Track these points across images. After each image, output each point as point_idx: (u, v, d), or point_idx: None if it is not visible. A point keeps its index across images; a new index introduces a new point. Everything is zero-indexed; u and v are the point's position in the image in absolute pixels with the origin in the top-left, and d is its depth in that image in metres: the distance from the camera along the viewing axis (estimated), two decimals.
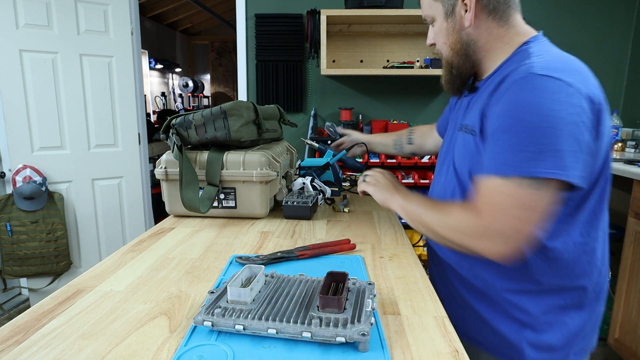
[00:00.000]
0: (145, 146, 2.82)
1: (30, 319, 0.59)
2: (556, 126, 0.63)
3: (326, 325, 0.51)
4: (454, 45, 0.80)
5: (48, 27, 2.32)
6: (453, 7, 0.78)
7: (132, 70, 2.62)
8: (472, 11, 0.76)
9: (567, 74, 0.66)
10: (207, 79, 7.07)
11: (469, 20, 0.76)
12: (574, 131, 0.63)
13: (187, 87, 6.29)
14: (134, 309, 0.62)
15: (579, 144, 0.64)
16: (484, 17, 0.77)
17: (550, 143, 0.63)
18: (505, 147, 0.67)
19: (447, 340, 0.54)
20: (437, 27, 0.82)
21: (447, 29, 0.80)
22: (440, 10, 0.80)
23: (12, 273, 2.34)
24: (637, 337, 1.74)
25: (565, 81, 0.65)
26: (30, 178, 2.29)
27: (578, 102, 0.64)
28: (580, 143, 0.64)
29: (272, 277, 0.65)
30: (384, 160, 2.47)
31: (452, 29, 0.79)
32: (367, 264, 0.79)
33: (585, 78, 0.69)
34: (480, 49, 0.80)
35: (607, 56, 2.71)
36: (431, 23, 0.85)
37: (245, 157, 1.04)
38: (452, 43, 0.81)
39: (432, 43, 0.87)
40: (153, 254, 0.84)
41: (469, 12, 0.76)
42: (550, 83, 0.65)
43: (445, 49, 0.83)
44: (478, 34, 0.78)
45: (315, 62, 2.75)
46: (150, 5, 5.13)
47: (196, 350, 0.51)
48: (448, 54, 0.83)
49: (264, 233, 0.98)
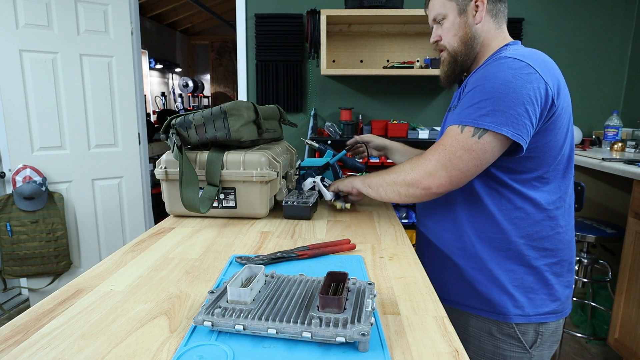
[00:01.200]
0: (145, 146, 2.82)
1: (30, 319, 0.59)
2: (510, 94, 0.79)
3: (326, 325, 0.51)
4: (464, 37, 0.94)
5: (48, 27, 2.32)
6: (466, 5, 0.93)
7: (132, 70, 2.62)
8: (483, 11, 0.92)
9: (532, 60, 0.81)
10: (207, 79, 7.07)
11: (480, 17, 0.92)
12: (524, 102, 0.78)
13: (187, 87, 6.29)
14: (134, 309, 0.62)
15: (526, 113, 0.79)
16: (488, 18, 0.94)
17: (502, 105, 0.79)
18: (467, 104, 0.84)
19: (447, 340, 0.54)
20: (449, 23, 0.95)
21: (460, 24, 0.94)
22: (454, 8, 0.94)
23: (12, 273, 2.34)
24: (637, 337, 1.74)
25: (527, 63, 0.80)
26: (30, 178, 2.29)
27: (536, 82, 0.79)
28: (528, 112, 0.79)
29: (272, 277, 0.65)
30: (384, 161, 2.47)
31: (465, 24, 0.94)
32: (367, 264, 0.79)
33: (548, 68, 0.82)
34: (480, 44, 0.95)
35: (607, 56, 2.71)
36: (440, 21, 0.97)
37: (245, 157, 1.04)
38: (463, 36, 0.94)
39: (437, 40, 1.00)
40: (153, 254, 0.84)
41: (480, 11, 0.92)
42: (515, 63, 0.81)
43: (456, 40, 0.96)
44: (481, 32, 0.94)
45: (315, 62, 2.75)
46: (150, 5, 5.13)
47: (196, 350, 0.51)
48: (456, 45, 0.96)
49: (264, 233, 0.98)
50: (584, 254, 2.14)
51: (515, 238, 0.88)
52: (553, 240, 0.89)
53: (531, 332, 0.90)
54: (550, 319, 0.90)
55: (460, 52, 0.95)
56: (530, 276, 0.89)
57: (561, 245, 0.90)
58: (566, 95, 0.86)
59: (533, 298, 0.89)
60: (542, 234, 0.88)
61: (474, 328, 0.95)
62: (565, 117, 0.86)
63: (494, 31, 0.94)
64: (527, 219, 0.88)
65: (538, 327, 0.90)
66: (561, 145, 0.86)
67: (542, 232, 0.88)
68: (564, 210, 0.90)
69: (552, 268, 0.90)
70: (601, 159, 2.01)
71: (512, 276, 0.89)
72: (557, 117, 0.83)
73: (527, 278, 0.89)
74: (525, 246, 0.88)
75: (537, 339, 0.91)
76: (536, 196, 0.87)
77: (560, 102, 0.83)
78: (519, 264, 0.89)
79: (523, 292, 0.89)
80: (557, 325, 0.93)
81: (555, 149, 0.85)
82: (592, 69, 2.73)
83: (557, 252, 0.90)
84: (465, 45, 0.94)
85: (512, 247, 0.89)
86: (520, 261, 0.89)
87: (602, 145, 2.59)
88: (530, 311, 0.89)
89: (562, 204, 0.90)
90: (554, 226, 0.88)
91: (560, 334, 0.95)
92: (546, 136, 0.84)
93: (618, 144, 2.38)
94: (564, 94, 0.85)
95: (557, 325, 0.93)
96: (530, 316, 0.89)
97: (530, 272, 0.89)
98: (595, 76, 2.74)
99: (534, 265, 0.89)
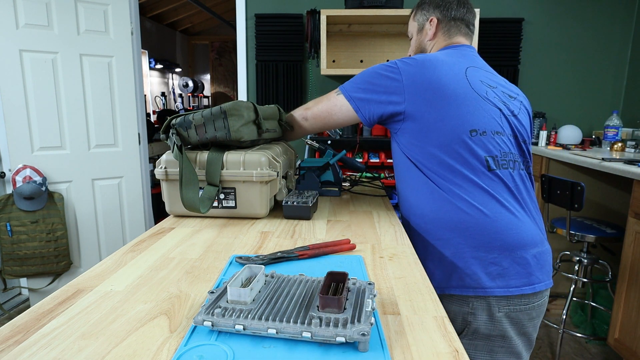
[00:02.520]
0: (145, 146, 2.82)
1: (30, 319, 0.59)
2: (366, 75, 1.05)
3: (326, 325, 0.51)
4: (418, 50, 1.23)
5: (48, 27, 2.33)
6: (423, 25, 1.19)
7: (132, 70, 2.62)
8: (432, 29, 1.17)
9: (405, 59, 1.03)
10: (207, 79, 7.07)
11: (431, 35, 1.17)
12: (371, 80, 1.03)
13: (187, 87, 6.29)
14: (134, 309, 0.62)
15: (374, 87, 1.03)
16: (439, 35, 1.17)
17: (360, 81, 1.06)
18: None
19: (447, 340, 0.54)
20: (413, 40, 1.24)
21: (418, 40, 1.22)
22: (416, 27, 1.22)
23: (12, 273, 2.34)
24: (637, 337, 1.74)
25: (394, 61, 1.03)
26: (30, 178, 2.29)
27: (391, 69, 1.01)
28: (374, 86, 1.03)
29: (272, 277, 0.65)
30: (384, 160, 2.47)
31: (419, 41, 1.21)
32: (367, 264, 0.79)
33: (414, 60, 1.02)
34: (431, 51, 1.19)
35: (607, 56, 2.71)
36: (411, 38, 1.25)
37: (245, 157, 1.04)
38: (417, 49, 1.23)
39: (410, 54, 1.26)
40: (153, 254, 0.84)
41: (430, 30, 1.17)
42: (389, 61, 1.04)
43: (413, 51, 1.24)
44: (432, 44, 1.19)
45: (315, 62, 2.75)
46: (150, 5, 5.13)
47: (196, 350, 0.51)
48: (414, 54, 1.23)
49: (264, 233, 0.98)
50: (584, 254, 2.14)
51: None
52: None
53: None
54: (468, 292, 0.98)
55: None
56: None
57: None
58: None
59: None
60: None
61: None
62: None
63: (443, 42, 1.16)
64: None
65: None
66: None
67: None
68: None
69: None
70: (601, 159, 2.01)
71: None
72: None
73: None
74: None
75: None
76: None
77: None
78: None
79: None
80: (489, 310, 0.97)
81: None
82: (592, 69, 2.73)
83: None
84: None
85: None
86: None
87: (602, 145, 2.59)
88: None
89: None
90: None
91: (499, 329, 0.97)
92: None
93: (618, 144, 2.38)
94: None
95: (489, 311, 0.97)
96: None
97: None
98: (595, 76, 2.74)
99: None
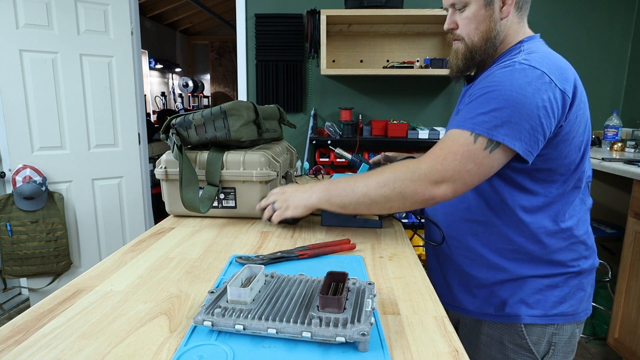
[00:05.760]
0: (145, 146, 2.82)
1: (30, 319, 0.59)
2: (523, 103, 0.73)
3: (326, 325, 0.51)
4: (487, 33, 0.85)
5: (48, 27, 2.32)
6: None
7: (132, 70, 2.62)
8: (512, 5, 0.83)
9: (546, 66, 0.75)
10: (207, 79, 7.07)
11: (507, 12, 0.83)
12: (536, 113, 0.73)
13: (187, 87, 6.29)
14: (134, 309, 0.62)
15: (541, 126, 0.74)
16: (513, 12, 0.85)
17: (513, 115, 0.73)
18: (475, 108, 0.77)
19: (447, 340, 0.54)
20: (471, 13, 0.85)
21: (484, 17, 0.84)
22: None
23: (12, 273, 2.34)
24: (637, 337, 1.74)
25: (541, 70, 0.74)
26: (30, 178, 2.29)
27: (551, 90, 0.74)
28: (542, 126, 0.74)
29: (272, 277, 0.65)
30: None
31: (489, 18, 0.84)
32: (367, 264, 0.79)
33: (563, 73, 0.77)
34: (501, 40, 0.86)
35: (607, 56, 2.71)
36: (460, 9, 0.87)
37: (245, 157, 1.04)
38: (485, 31, 0.85)
39: (452, 28, 0.89)
40: (153, 254, 0.84)
41: (509, 5, 0.83)
42: (528, 70, 0.75)
43: (477, 34, 0.86)
44: (505, 27, 0.86)
45: (315, 62, 2.75)
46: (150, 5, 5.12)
47: (196, 350, 0.51)
48: (477, 40, 0.86)
49: (264, 233, 0.98)
50: None
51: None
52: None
53: (544, 341, 0.87)
54: (558, 320, 0.86)
55: (480, 48, 0.86)
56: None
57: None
58: (582, 101, 0.81)
59: (541, 300, 0.86)
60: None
61: (485, 336, 0.92)
62: (581, 125, 0.81)
63: (515, 26, 0.86)
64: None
65: (552, 338, 0.87)
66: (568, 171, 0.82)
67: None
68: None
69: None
70: (601, 159, 2.01)
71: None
72: (572, 125, 0.79)
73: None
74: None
75: (550, 350, 0.87)
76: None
77: (574, 111, 0.78)
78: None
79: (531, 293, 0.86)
80: (572, 332, 0.88)
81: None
82: (592, 69, 2.73)
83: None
84: (486, 41, 0.85)
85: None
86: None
87: (602, 145, 2.59)
88: (538, 312, 0.86)
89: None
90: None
91: (575, 344, 0.90)
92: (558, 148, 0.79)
93: (618, 144, 2.38)
94: (580, 99, 0.79)
95: (572, 333, 0.88)
96: (537, 317, 0.86)
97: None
98: (595, 76, 2.74)
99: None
